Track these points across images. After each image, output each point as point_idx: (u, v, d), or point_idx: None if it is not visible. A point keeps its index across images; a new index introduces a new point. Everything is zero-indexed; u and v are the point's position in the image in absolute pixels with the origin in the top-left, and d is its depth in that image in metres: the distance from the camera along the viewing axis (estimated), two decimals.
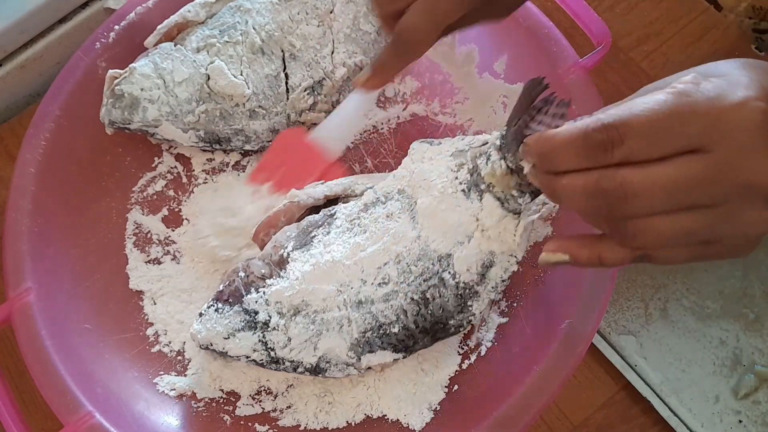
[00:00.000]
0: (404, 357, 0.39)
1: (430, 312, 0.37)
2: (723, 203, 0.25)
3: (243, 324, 0.37)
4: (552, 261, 0.30)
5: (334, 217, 0.39)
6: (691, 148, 0.25)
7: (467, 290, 0.37)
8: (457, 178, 0.37)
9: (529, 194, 0.34)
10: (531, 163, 0.29)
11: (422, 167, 0.38)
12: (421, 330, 0.38)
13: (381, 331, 0.37)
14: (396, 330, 0.37)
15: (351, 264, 0.37)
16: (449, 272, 0.37)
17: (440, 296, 0.37)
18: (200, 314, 0.38)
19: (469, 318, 0.38)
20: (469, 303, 0.37)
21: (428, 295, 0.37)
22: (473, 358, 0.40)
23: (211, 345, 0.38)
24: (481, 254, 0.36)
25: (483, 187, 0.35)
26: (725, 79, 0.25)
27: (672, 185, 0.25)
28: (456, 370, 0.40)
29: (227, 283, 0.39)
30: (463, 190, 0.36)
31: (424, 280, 0.37)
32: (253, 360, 0.38)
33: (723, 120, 0.24)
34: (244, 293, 0.38)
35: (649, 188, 0.25)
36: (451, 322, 0.38)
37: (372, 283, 0.37)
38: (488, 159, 0.35)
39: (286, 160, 0.43)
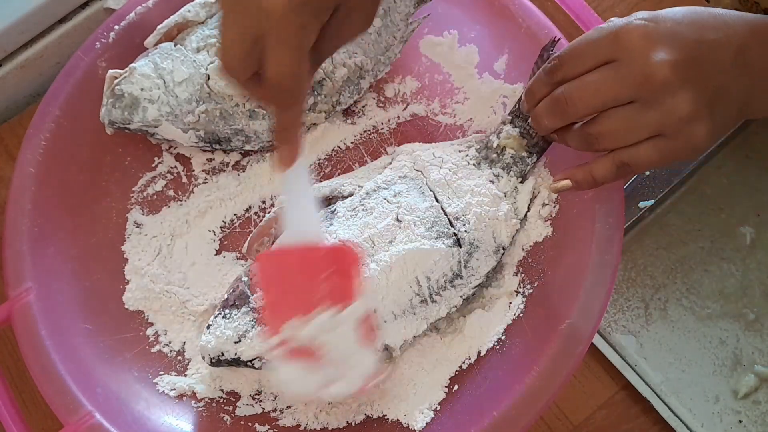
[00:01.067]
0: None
1: (442, 274, 0.39)
2: (640, 97, 0.33)
3: (253, 322, 0.37)
4: (558, 187, 0.37)
5: (335, 212, 0.39)
6: (606, 61, 0.34)
7: (474, 247, 0.40)
8: (467, 155, 0.43)
9: (536, 154, 0.42)
10: (525, 110, 0.39)
11: (427, 152, 0.42)
12: (433, 293, 0.39)
13: (395, 305, 0.38)
14: (410, 298, 0.38)
15: (361, 242, 0.37)
16: (464, 229, 0.40)
17: (452, 256, 0.39)
18: (208, 326, 0.38)
19: (471, 275, 0.40)
20: (476, 257, 0.40)
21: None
22: (473, 358, 0.40)
23: (222, 355, 0.37)
24: (493, 211, 0.41)
25: (494, 156, 0.42)
26: (632, 15, 0.34)
27: (596, 85, 0.34)
28: (456, 370, 0.40)
29: (232, 290, 0.39)
30: (473, 164, 0.42)
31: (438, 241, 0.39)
32: (267, 361, 0.37)
33: (619, 39, 0.33)
34: (250, 294, 0.38)
35: (578, 91, 0.34)
36: (458, 281, 0.40)
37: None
38: (499, 133, 0.42)
39: (283, 287, 0.34)
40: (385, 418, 0.40)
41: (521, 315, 0.41)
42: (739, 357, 0.44)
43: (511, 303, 0.41)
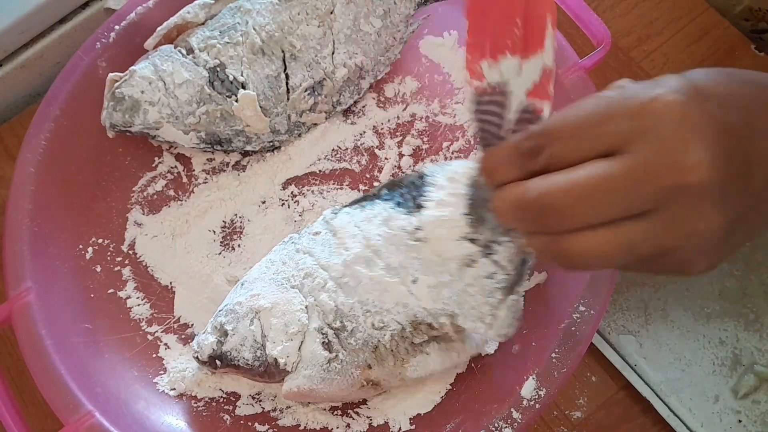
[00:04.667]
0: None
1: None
2: (656, 209, 0.23)
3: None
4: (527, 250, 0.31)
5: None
6: (611, 150, 0.23)
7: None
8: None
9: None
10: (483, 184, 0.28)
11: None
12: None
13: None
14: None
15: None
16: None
17: None
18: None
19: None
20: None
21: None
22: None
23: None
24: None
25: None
26: (657, 80, 0.24)
27: (589, 192, 0.23)
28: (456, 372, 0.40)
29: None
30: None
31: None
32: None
33: (640, 117, 0.23)
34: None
35: (565, 196, 0.23)
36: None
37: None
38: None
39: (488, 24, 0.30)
40: (386, 417, 0.39)
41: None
42: (738, 357, 0.44)
43: None
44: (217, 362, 0.37)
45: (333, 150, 0.48)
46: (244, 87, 0.45)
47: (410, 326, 0.36)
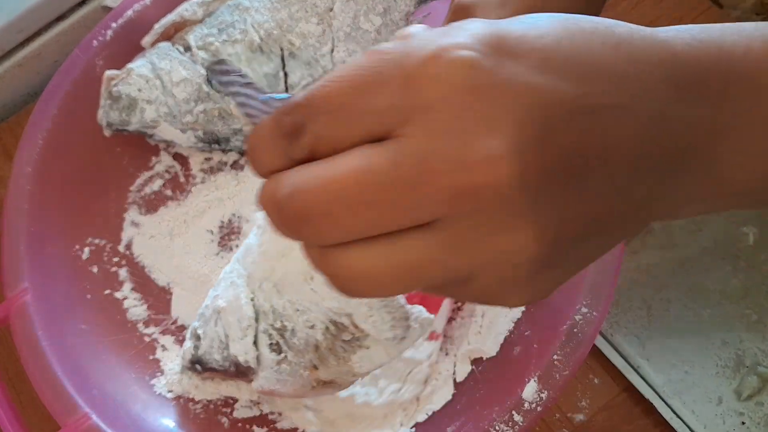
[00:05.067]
0: None
1: None
2: (442, 219, 0.16)
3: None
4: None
5: None
6: (382, 132, 0.16)
7: None
8: None
9: None
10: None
11: None
12: None
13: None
14: None
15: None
16: None
17: None
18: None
19: None
20: None
21: None
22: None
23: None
24: None
25: None
26: (455, 26, 0.16)
27: (352, 189, 0.16)
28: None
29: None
30: None
31: None
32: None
33: (415, 85, 0.16)
34: None
35: (323, 192, 0.16)
36: None
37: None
38: None
39: None
40: (385, 422, 0.39)
41: (522, 316, 0.40)
42: (742, 358, 0.44)
43: None
44: (198, 367, 0.37)
45: None
46: None
47: (332, 325, 0.33)
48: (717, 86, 0.18)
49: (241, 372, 0.36)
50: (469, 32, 0.16)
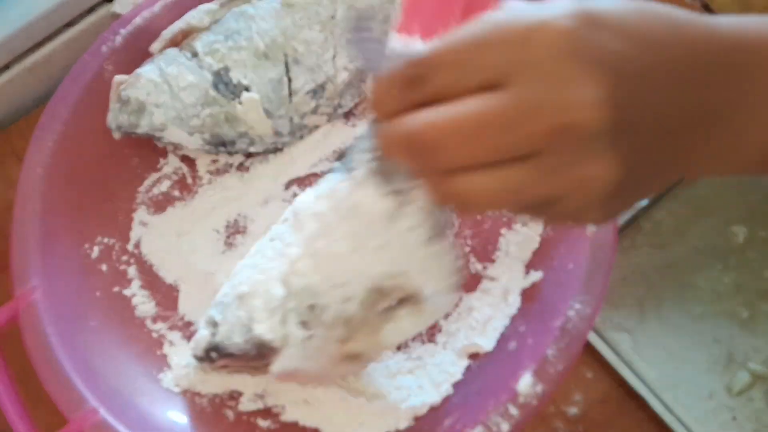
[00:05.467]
0: None
1: None
2: (541, 152, 0.21)
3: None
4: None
5: None
6: (493, 83, 0.21)
7: None
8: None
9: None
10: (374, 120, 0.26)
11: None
12: None
13: None
14: None
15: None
16: None
17: None
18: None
19: None
20: None
21: None
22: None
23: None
24: None
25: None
26: (549, 3, 0.21)
27: (469, 128, 0.21)
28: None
29: None
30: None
31: None
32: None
33: (523, 46, 0.20)
34: None
35: (448, 132, 0.21)
36: None
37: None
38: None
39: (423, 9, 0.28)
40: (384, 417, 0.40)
41: (517, 312, 0.41)
42: (733, 354, 0.45)
43: (507, 300, 0.42)
44: (213, 354, 0.37)
45: (334, 151, 0.48)
46: (247, 90, 0.45)
47: (372, 294, 0.35)
48: (752, 65, 0.22)
49: (262, 354, 0.37)
50: (565, 8, 0.21)
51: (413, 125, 0.22)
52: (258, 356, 0.37)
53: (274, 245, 0.38)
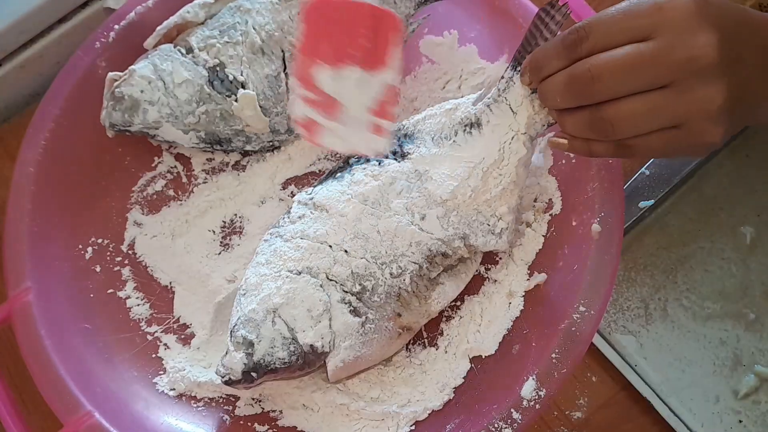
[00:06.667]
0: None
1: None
2: (675, 81, 0.30)
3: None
4: (554, 142, 0.35)
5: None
6: (642, 37, 0.30)
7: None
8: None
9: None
10: (526, 83, 0.36)
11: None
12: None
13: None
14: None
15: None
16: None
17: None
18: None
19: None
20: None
21: None
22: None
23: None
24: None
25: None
26: None
27: (627, 64, 0.30)
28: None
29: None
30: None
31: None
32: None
33: (663, 12, 0.30)
34: None
35: (610, 67, 0.30)
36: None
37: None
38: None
39: (321, 34, 0.32)
40: (383, 421, 0.39)
41: (520, 315, 0.41)
42: (739, 357, 0.44)
43: (510, 303, 0.41)
44: (253, 375, 0.36)
45: (332, 150, 0.48)
46: (243, 86, 0.45)
47: (426, 262, 0.38)
48: None
49: (308, 362, 0.37)
50: None
51: (579, 67, 0.31)
52: (304, 365, 0.37)
53: (298, 244, 0.38)
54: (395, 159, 0.40)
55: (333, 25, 0.32)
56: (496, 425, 0.36)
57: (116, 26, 0.47)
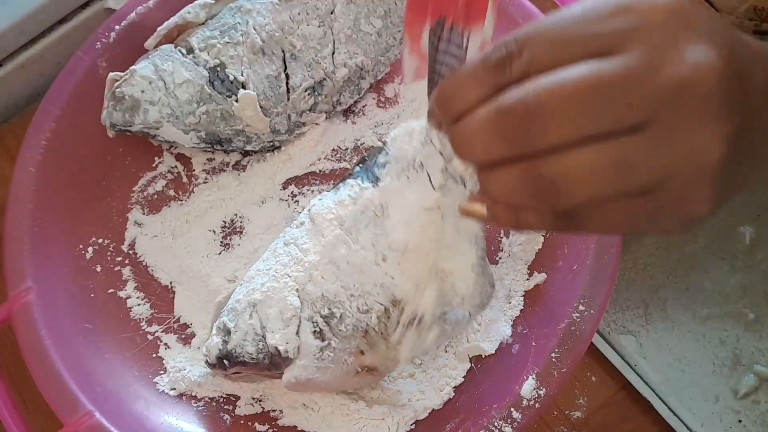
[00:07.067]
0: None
1: None
2: (653, 120, 0.19)
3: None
4: (468, 210, 0.25)
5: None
6: (604, 51, 0.20)
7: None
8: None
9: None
10: (434, 125, 0.25)
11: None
12: None
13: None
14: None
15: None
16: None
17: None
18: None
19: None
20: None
21: None
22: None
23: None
24: None
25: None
26: None
27: (580, 93, 0.19)
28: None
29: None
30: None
31: None
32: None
33: (637, 12, 0.20)
34: None
35: (554, 97, 0.19)
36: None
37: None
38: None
39: None
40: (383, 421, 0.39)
41: (520, 315, 0.41)
42: (738, 357, 0.44)
43: (510, 302, 0.41)
44: (225, 362, 0.37)
45: (333, 150, 0.48)
46: (244, 87, 0.45)
47: (392, 306, 0.34)
48: None
49: (275, 364, 0.36)
50: None
51: (508, 98, 0.20)
52: (271, 365, 0.36)
53: (289, 250, 0.37)
54: (371, 183, 0.34)
55: None
56: (496, 424, 0.36)
57: (117, 27, 0.47)
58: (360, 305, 0.34)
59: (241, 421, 0.41)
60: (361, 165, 0.37)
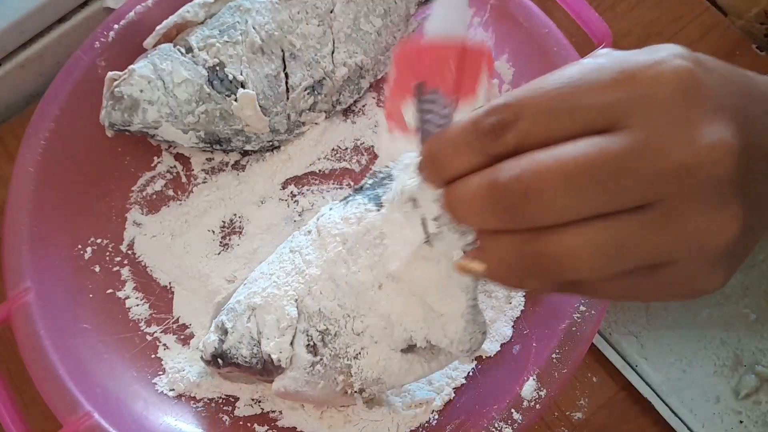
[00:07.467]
0: None
1: None
2: (658, 201, 0.18)
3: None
4: (465, 268, 0.23)
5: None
6: (606, 125, 0.18)
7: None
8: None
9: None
10: (431, 183, 0.23)
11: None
12: None
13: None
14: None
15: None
16: None
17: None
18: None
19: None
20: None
21: None
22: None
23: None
24: None
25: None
26: (652, 48, 0.20)
27: (581, 172, 0.18)
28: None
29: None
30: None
31: None
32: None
33: (642, 84, 0.18)
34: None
35: (553, 177, 0.18)
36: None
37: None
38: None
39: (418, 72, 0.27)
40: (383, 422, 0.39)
41: (521, 315, 0.40)
42: (740, 357, 0.44)
43: (510, 303, 0.41)
44: (219, 361, 0.37)
45: (333, 149, 0.48)
46: (243, 86, 0.44)
47: (386, 333, 0.34)
48: None
49: (267, 370, 0.36)
50: (674, 50, 0.19)
51: (504, 173, 0.19)
52: (263, 371, 0.36)
53: (293, 258, 0.37)
54: (376, 206, 0.34)
55: (423, 68, 0.27)
56: (496, 425, 0.36)
57: (116, 26, 0.47)
58: (355, 326, 0.34)
59: (240, 422, 0.40)
60: (371, 180, 0.36)
